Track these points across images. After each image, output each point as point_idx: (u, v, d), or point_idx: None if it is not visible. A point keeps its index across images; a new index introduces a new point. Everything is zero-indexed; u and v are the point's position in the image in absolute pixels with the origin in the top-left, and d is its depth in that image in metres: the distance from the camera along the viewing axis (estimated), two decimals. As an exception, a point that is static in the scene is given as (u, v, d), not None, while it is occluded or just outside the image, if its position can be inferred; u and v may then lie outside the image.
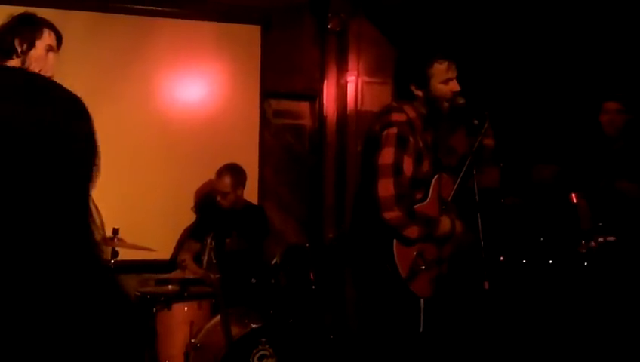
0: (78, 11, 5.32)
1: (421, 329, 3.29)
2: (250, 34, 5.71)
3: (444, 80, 3.28)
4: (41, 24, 3.12)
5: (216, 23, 5.65)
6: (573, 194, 4.65)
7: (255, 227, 4.85)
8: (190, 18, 5.61)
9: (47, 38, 3.09)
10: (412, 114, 3.32)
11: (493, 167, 4.60)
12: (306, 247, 4.54)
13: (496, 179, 4.63)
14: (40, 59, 3.06)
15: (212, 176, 5.00)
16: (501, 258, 4.66)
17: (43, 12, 5.08)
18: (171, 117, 5.49)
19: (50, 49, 3.10)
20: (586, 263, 4.41)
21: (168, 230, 5.36)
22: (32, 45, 3.04)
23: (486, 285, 3.08)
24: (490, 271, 3.15)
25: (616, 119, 4.53)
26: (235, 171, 4.90)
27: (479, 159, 3.33)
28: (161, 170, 5.42)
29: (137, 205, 5.28)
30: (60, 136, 1.20)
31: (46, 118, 1.18)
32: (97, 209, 1.71)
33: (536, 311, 4.58)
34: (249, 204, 5.08)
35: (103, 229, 3.28)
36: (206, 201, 5.21)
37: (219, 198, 4.87)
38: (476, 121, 3.25)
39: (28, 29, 3.07)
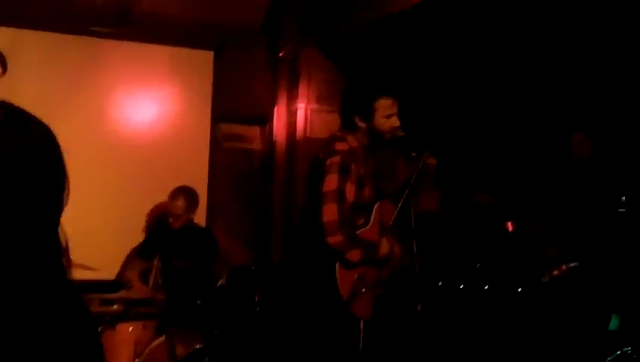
0: (33, 31, 5.37)
1: (360, 349, 3.42)
2: (203, 59, 5.84)
3: (387, 115, 3.46)
4: None
5: (170, 46, 5.75)
6: (508, 223, 4.86)
7: (203, 249, 4.91)
8: (144, 41, 5.70)
9: None
10: (354, 143, 3.49)
11: (432, 192, 4.79)
12: (252, 269, 4.63)
13: (434, 203, 4.80)
14: None
15: (162, 197, 5.06)
16: (439, 282, 4.83)
17: (-3, 30, 5.21)
18: (123, 138, 5.55)
19: None
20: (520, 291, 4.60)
21: (116, 250, 5.40)
22: None
23: (419, 307, 3.22)
24: (424, 294, 3.30)
25: (583, 150, 4.73)
26: (188, 194, 4.96)
27: (418, 187, 3.51)
28: (111, 191, 5.47)
29: (86, 225, 5.29)
30: (35, 163, 1.29)
31: (21, 146, 1.28)
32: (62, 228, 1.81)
33: (472, 335, 4.75)
34: (196, 227, 5.15)
35: (67, 248, 3.30)
36: (157, 222, 5.26)
37: (171, 220, 4.94)
38: (414, 154, 3.43)
39: None
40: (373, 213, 3.54)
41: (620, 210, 4.43)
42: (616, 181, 4.62)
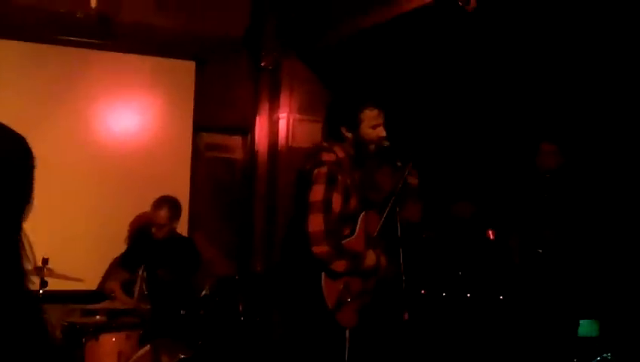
0: (14, 41, 5.35)
1: (346, 358, 3.44)
2: (185, 69, 5.84)
3: (372, 125, 3.51)
4: None
5: (152, 57, 5.76)
6: (489, 231, 4.93)
7: (186, 259, 4.91)
8: (126, 51, 5.70)
9: None
10: (341, 154, 3.54)
11: (416, 203, 4.83)
12: (235, 279, 4.65)
13: (417, 214, 4.85)
14: None
15: (144, 207, 5.05)
16: (422, 291, 4.87)
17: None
18: (105, 147, 5.54)
19: None
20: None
21: (98, 260, 5.37)
22: None
23: (406, 316, 3.27)
24: (411, 302, 3.34)
25: (549, 161, 4.78)
26: (172, 204, 4.95)
27: (402, 197, 3.56)
28: (93, 201, 5.45)
29: (68, 235, 5.28)
30: (3, 174, 1.31)
31: None
32: (28, 240, 1.81)
33: (456, 343, 4.80)
34: (179, 236, 5.14)
35: (34, 259, 3.29)
36: (139, 233, 5.24)
37: (154, 230, 4.93)
38: (399, 163, 3.48)
39: None
40: (359, 223, 3.57)
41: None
42: (582, 191, 4.70)
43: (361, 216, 3.59)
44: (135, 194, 5.43)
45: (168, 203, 4.91)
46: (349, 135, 3.52)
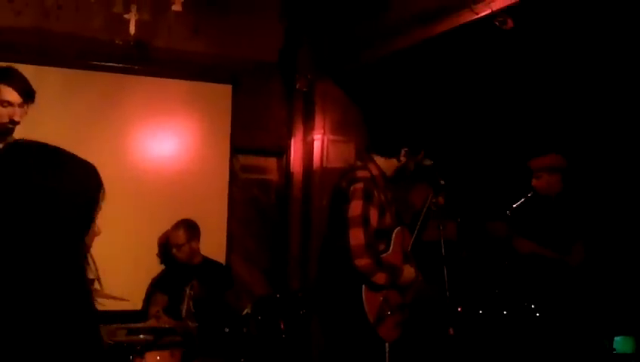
0: (54, 68, 5.50)
1: None
2: (221, 92, 5.96)
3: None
4: None
5: (188, 81, 5.88)
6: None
7: (216, 280, 5.02)
8: (163, 76, 5.84)
9: (2, 94, 3.24)
10: (375, 172, 3.68)
11: (450, 222, 4.90)
12: (276, 297, 4.73)
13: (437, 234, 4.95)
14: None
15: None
16: (459, 308, 4.92)
17: (20, 68, 5.33)
18: (144, 171, 5.66)
19: (7, 104, 3.25)
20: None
21: (139, 280, 5.47)
22: None
23: (451, 331, 3.34)
24: (455, 319, 3.41)
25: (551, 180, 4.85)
26: (188, 225, 5.14)
27: (430, 215, 3.66)
28: (133, 223, 5.54)
29: (108, 256, 5.36)
30: (73, 200, 1.43)
31: (62, 188, 1.41)
32: (94, 260, 1.91)
33: (493, 359, 4.83)
34: (208, 259, 5.25)
35: (99, 278, 3.37)
36: (165, 252, 5.37)
37: (174, 251, 5.09)
38: (442, 181, 3.57)
39: None
40: (394, 239, 3.69)
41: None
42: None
43: (396, 231, 3.70)
44: (174, 215, 5.50)
45: (184, 223, 5.13)
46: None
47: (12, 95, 3.27)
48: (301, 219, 6.09)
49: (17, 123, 3.34)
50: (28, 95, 3.37)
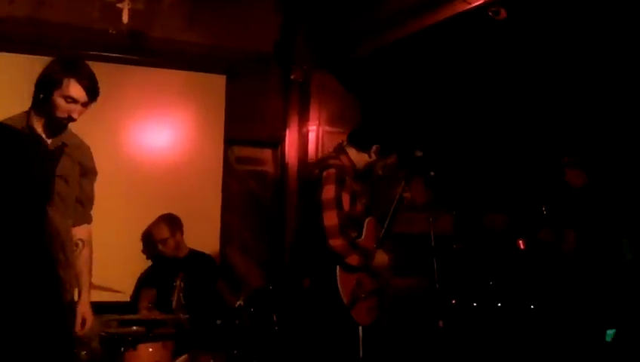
0: (48, 58, 5.45)
1: (361, 356, 3.57)
2: (216, 83, 5.92)
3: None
4: (65, 74, 3.04)
5: (183, 71, 5.84)
6: (520, 241, 4.95)
7: (204, 271, 5.01)
8: (157, 66, 5.80)
9: (66, 89, 3.03)
10: (346, 162, 3.80)
11: (446, 215, 4.90)
12: (269, 290, 4.71)
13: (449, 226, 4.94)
14: (60, 108, 3.04)
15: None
16: (453, 301, 4.90)
17: (17, 58, 5.30)
18: (138, 161, 5.63)
19: (70, 100, 3.04)
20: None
21: (133, 272, 5.45)
22: (49, 94, 3.02)
23: (441, 324, 3.35)
24: (444, 311, 3.40)
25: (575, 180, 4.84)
26: (169, 218, 5.14)
27: (400, 207, 3.75)
28: (125, 214, 5.52)
29: (101, 247, 5.35)
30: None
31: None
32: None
33: (486, 351, 4.81)
34: (194, 251, 5.24)
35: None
36: (150, 249, 5.35)
37: (160, 247, 5.08)
38: (432, 173, 3.59)
39: (49, 77, 3.05)
40: (365, 227, 3.81)
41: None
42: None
43: (367, 220, 3.83)
44: (167, 206, 5.48)
45: (164, 218, 5.13)
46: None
47: (79, 92, 3.07)
48: (296, 211, 6.06)
49: (74, 120, 3.16)
50: (93, 95, 3.16)
